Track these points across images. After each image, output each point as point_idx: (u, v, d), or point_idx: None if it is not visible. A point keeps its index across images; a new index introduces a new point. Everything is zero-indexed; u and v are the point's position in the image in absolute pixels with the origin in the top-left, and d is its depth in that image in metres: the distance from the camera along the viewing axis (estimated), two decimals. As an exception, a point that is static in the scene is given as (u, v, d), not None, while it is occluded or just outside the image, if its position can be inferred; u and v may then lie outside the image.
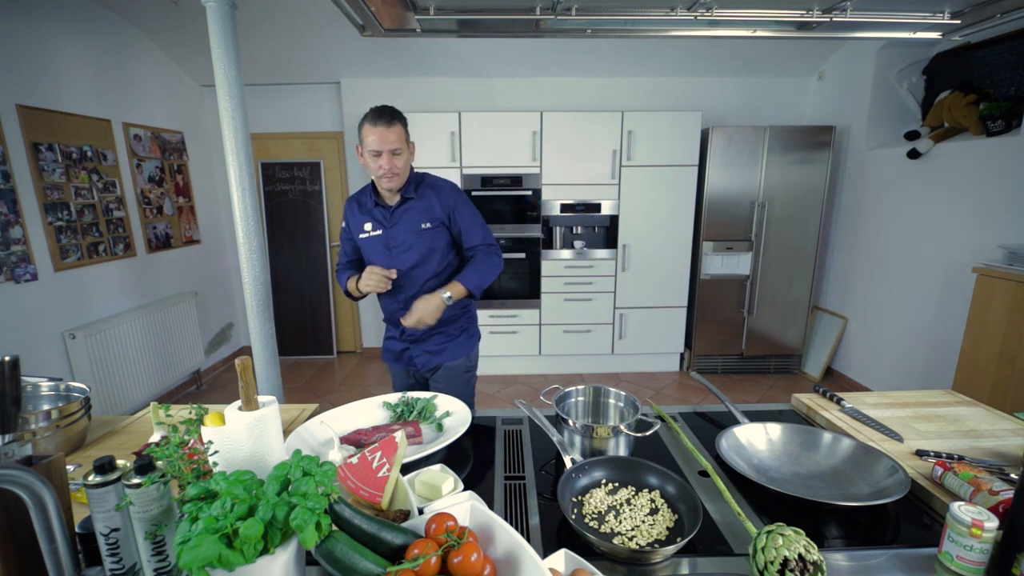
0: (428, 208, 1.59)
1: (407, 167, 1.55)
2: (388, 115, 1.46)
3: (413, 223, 1.59)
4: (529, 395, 3.61)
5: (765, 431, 1.10)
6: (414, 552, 0.62)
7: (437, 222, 1.60)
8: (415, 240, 1.58)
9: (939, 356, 2.89)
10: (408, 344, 1.68)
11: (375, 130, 1.45)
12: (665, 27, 1.43)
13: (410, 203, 1.59)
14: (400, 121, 1.49)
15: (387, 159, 1.47)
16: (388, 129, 1.45)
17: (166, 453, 0.70)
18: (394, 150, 1.47)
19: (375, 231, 1.62)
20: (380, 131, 1.45)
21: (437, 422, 1.18)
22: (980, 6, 1.25)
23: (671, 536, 0.81)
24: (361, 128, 1.48)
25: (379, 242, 1.61)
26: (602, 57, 3.62)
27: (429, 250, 1.60)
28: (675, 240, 3.72)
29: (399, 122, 1.48)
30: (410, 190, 1.59)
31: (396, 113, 1.49)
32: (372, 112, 1.47)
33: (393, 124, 1.46)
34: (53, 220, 2.66)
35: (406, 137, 1.51)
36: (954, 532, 0.73)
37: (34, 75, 2.59)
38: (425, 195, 1.60)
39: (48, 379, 1.20)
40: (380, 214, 1.61)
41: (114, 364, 2.92)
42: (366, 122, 1.46)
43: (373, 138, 1.45)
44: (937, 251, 2.92)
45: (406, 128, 1.52)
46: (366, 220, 1.63)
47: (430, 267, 1.61)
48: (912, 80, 3.30)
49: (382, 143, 1.45)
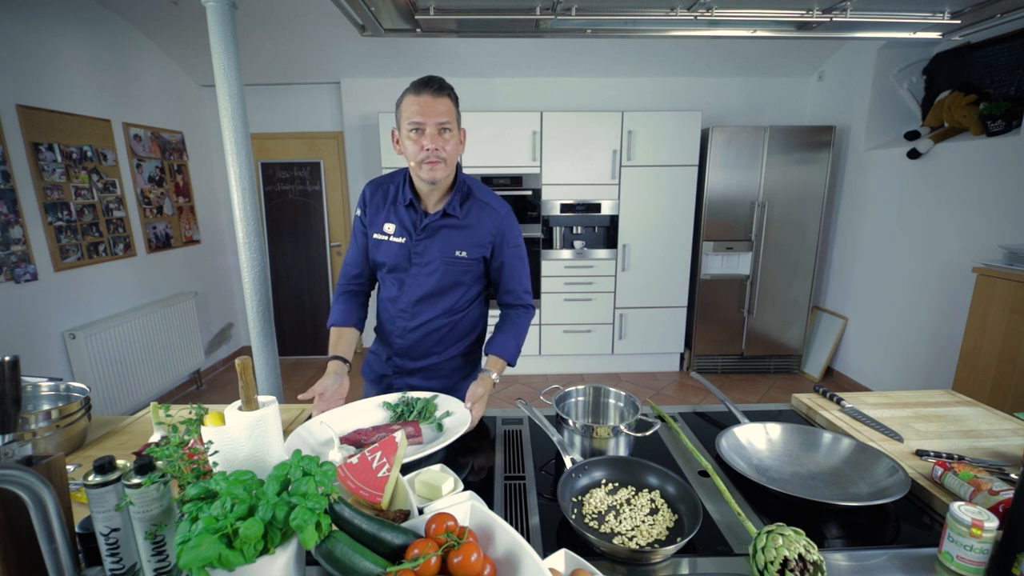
0: (471, 233, 1.28)
1: (455, 156, 1.22)
2: (437, 84, 1.16)
3: (446, 247, 1.28)
4: (529, 395, 3.61)
5: (765, 431, 1.10)
6: (414, 552, 0.62)
7: (476, 252, 1.29)
8: (442, 267, 1.28)
9: (939, 356, 2.89)
10: (391, 372, 1.40)
11: (418, 99, 1.15)
12: (665, 27, 1.43)
13: (450, 220, 1.28)
14: (450, 95, 1.19)
15: (432, 137, 1.15)
16: (435, 99, 1.15)
17: (166, 453, 0.70)
18: (443, 124, 1.16)
19: (398, 237, 1.29)
20: (425, 100, 1.14)
21: (437, 422, 1.18)
22: (980, 6, 1.25)
23: (671, 536, 0.81)
24: (400, 104, 1.19)
25: (399, 253, 1.30)
26: (602, 57, 3.62)
27: (454, 283, 1.31)
28: (675, 240, 3.72)
29: (449, 96, 1.18)
30: (454, 204, 1.27)
31: (447, 85, 1.19)
32: (416, 82, 1.17)
33: (441, 95, 1.16)
34: (53, 220, 2.66)
35: (457, 116, 1.21)
36: (954, 532, 0.73)
37: (34, 75, 2.59)
38: (472, 214, 1.28)
39: (48, 379, 1.20)
40: (410, 219, 1.29)
41: (114, 364, 2.92)
42: (408, 92, 1.17)
43: (415, 108, 1.15)
44: (937, 251, 2.92)
45: (457, 106, 1.21)
46: (389, 220, 1.31)
47: (445, 301, 1.33)
48: (912, 80, 3.30)
49: (427, 113, 1.14)
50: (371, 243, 1.34)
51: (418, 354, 1.36)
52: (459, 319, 1.36)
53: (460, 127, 1.24)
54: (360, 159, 4.05)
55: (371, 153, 3.96)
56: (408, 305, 1.33)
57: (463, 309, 1.36)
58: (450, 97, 1.18)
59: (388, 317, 1.38)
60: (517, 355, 1.33)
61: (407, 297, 1.32)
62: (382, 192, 1.33)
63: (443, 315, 1.33)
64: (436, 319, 1.33)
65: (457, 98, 1.21)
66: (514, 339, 1.33)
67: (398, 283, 1.33)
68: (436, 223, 1.27)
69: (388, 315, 1.38)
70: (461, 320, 1.37)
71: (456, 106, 1.20)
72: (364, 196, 1.35)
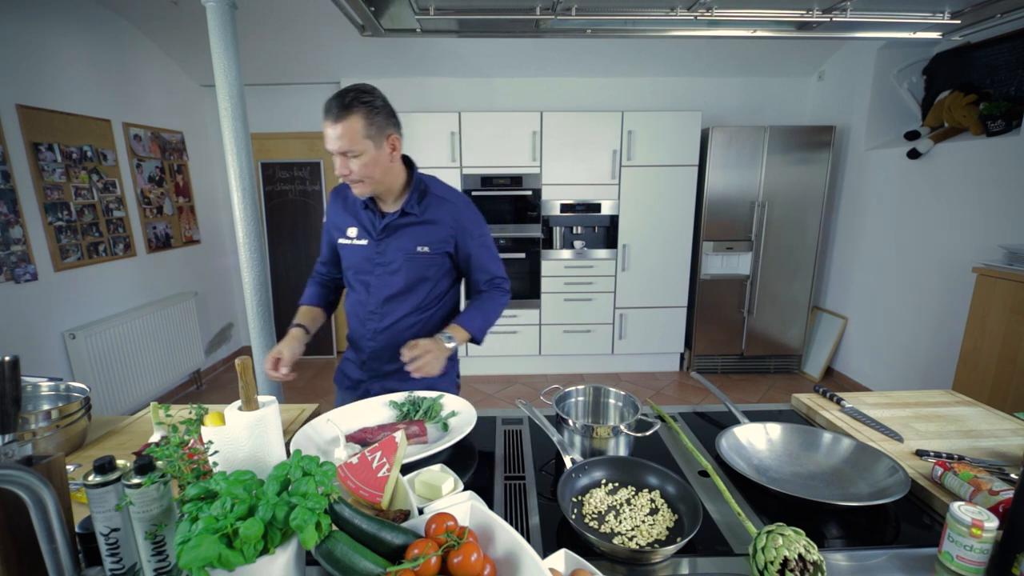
0: (432, 229, 1.29)
1: (374, 172, 1.19)
2: (337, 107, 1.12)
3: (407, 244, 1.29)
4: (529, 395, 3.61)
5: (765, 431, 1.10)
6: (414, 552, 0.62)
7: (438, 247, 1.31)
8: (405, 264, 1.30)
9: (939, 356, 2.89)
10: (367, 377, 1.39)
11: (325, 125, 1.14)
12: (665, 27, 1.43)
13: (409, 218, 1.29)
14: (358, 111, 1.12)
15: (341, 162, 1.16)
16: (336, 124, 1.12)
17: (166, 453, 0.70)
18: (344, 151, 1.14)
19: (360, 239, 1.32)
20: (328, 126, 1.13)
21: (443, 421, 1.18)
22: (980, 6, 1.25)
23: (671, 536, 0.81)
24: None
25: (362, 255, 1.33)
26: (602, 57, 3.62)
27: (419, 278, 1.32)
28: (675, 240, 3.72)
29: (356, 112, 1.12)
30: (412, 203, 1.28)
31: (355, 100, 1.12)
32: (326, 102, 1.15)
33: (344, 117, 1.11)
34: (53, 220, 2.66)
35: (371, 133, 1.15)
36: (954, 532, 0.73)
37: (34, 75, 2.59)
38: (430, 211, 1.30)
39: (48, 379, 1.20)
40: (369, 220, 1.31)
41: (114, 364, 2.92)
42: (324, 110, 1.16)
43: (326, 133, 1.15)
44: (937, 251, 2.92)
45: (377, 117, 1.15)
46: (351, 223, 1.34)
47: (414, 298, 1.33)
48: (912, 80, 3.30)
49: (329, 142, 1.15)
50: (339, 248, 1.39)
51: (391, 355, 1.33)
52: (429, 316, 1.37)
53: (381, 139, 1.18)
54: (360, 159, 4.05)
55: (371, 153, 3.96)
56: (377, 306, 1.34)
57: (432, 306, 1.37)
58: (359, 113, 1.12)
59: (358, 321, 1.39)
60: (483, 331, 1.34)
61: (375, 298, 1.34)
62: (342, 197, 1.37)
63: (413, 312, 1.34)
64: (406, 317, 1.34)
65: (375, 107, 1.15)
66: (480, 313, 1.34)
67: (364, 285, 1.35)
68: (395, 222, 1.29)
69: (358, 319, 1.39)
70: (432, 317, 1.37)
71: (369, 117, 1.14)
72: (329, 203, 1.41)
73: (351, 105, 1.12)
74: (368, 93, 1.15)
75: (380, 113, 1.16)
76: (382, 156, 1.19)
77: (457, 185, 3.58)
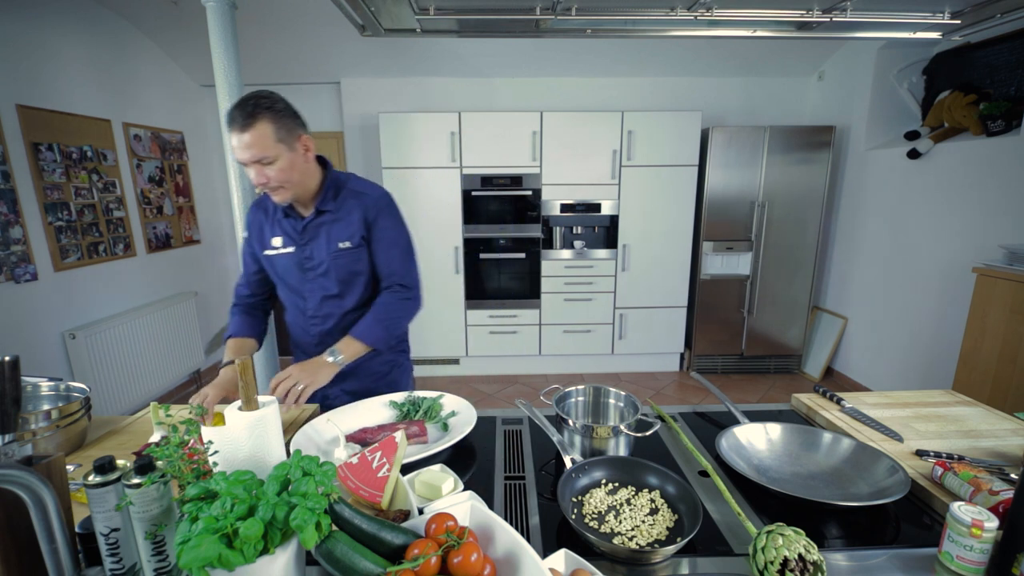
0: (346, 223, 1.28)
1: (292, 175, 1.17)
2: (241, 117, 1.08)
3: (330, 242, 1.28)
4: (529, 395, 3.61)
5: (765, 431, 1.10)
6: (414, 552, 0.62)
7: (358, 239, 1.28)
8: (332, 263, 1.29)
9: (939, 356, 2.89)
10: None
11: (231, 135, 1.10)
12: (665, 27, 1.43)
13: (326, 216, 1.28)
14: (264, 116, 1.09)
15: (256, 171, 1.13)
16: (243, 134, 1.08)
17: (166, 453, 0.70)
18: (257, 159, 1.11)
19: (286, 247, 1.30)
20: (235, 137, 1.09)
21: (443, 421, 1.18)
22: (980, 6, 1.25)
23: (671, 536, 0.81)
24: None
25: (291, 262, 1.31)
26: (602, 57, 3.62)
27: (350, 274, 1.30)
28: (675, 240, 3.72)
29: (263, 118, 1.09)
30: (327, 201, 1.27)
31: (258, 106, 1.09)
32: (228, 112, 1.11)
33: (251, 125, 1.08)
34: (53, 220, 2.65)
35: (281, 136, 1.12)
36: (954, 532, 0.73)
37: (34, 75, 2.59)
38: (346, 205, 1.28)
39: (48, 379, 1.20)
40: (290, 227, 1.30)
41: (114, 364, 2.92)
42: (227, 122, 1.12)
43: (233, 143, 1.11)
44: (937, 251, 2.92)
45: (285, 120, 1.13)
46: (275, 234, 1.31)
47: (351, 296, 1.32)
48: (912, 80, 3.30)
49: (240, 152, 1.11)
50: (265, 262, 1.36)
51: None
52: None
53: (296, 137, 1.16)
54: (360, 159, 4.05)
55: (371, 153, 3.96)
56: (315, 310, 1.34)
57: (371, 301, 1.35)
58: (264, 119, 1.10)
59: (300, 330, 1.38)
60: (383, 339, 1.28)
61: (312, 303, 1.33)
62: (262, 210, 1.35)
63: (353, 311, 1.34)
64: (348, 315, 1.34)
65: (279, 110, 1.12)
66: (377, 322, 1.27)
67: (299, 293, 1.34)
68: (314, 223, 1.29)
69: (300, 328, 1.38)
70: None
71: (277, 122, 1.11)
72: (248, 219, 1.37)
73: (256, 112, 1.09)
74: (268, 98, 1.12)
75: (286, 116, 1.14)
76: (297, 159, 1.18)
77: (457, 185, 3.58)
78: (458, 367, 3.99)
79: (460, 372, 4.00)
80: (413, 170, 3.55)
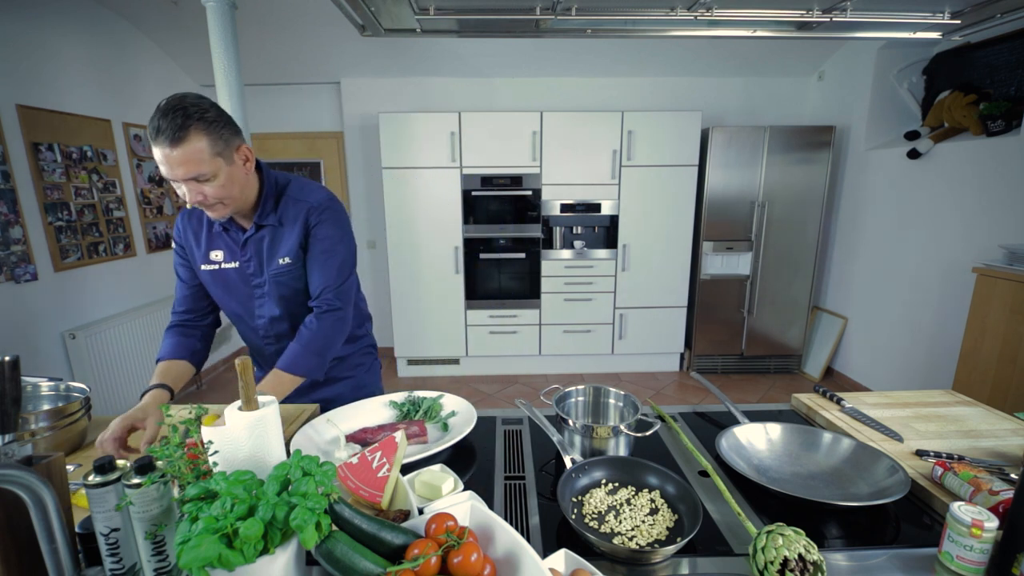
0: (286, 235, 1.15)
1: (231, 189, 1.04)
2: (174, 126, 0.92)
3: (270, 258, 1.16)
4: (529, 395, 3.61)
5: (765, 431, 1.10)
6: (414, 552, 0.62)
7: (297, 254, 1.15)
8: (273, 282, 1.17)
9: (939, 356, 2.89)
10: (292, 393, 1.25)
11: (158, 151, 0.95)
12: (665, 27, 1.43)
13: (264, 230, 1.15)
14: (198, 127, 0.95)
15: (191, 189, 0.98)
16: (173, 150, 0.94)
17: (166, 453, 0.70)
18: (196, 177, 0.97)
19: (229, 262, 1.17)
20: (164, 153, 0.94)
21: (443, 421, 1.18)
22: (980, 6, 1.25)
23: (671, 536, 0.81)
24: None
25: (236, 277, 1.19)
26: (602, 57, 3.62)
27: (295, 292, 1.19)
28: (675, 240, 3.72)
29: (196, 130, 0.95)
30: (265, 214, 1.14)
31: (189, 116, 0.94)
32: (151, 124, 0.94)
33: (182, 139, 0.93)
34: (53, 220, 2.66)
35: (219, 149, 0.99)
36: (954, 532, 0.73)
37: (34, 75, 2.59)
38: (287, 214, 1.15)
39: (48, 379, 1.20)
40: (233, 239, 1.17)
41: (114, 364, 2.92)
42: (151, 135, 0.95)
43: (159, 158, 0.95)
44: (937, 251, 2.92)
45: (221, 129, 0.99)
46: (214, 247, 1.18)
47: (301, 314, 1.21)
48: (912, 80, 3.30)
49: (170, 170, 0.96)
50: (203, 276, 1.21)
51: None
52: None
53: (234, 149, 1.03)
54: (360, 159, 4.05)
55: (371, 153, 3.96)
56: (266, 330, 1.25)
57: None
58: (197, 131, 0.95)
59: (256, 347, 1.31)
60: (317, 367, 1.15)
61: (261, 323, 1.24)
62: (196, 219, 1.19)
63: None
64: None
65: (211, 120, 0.97)
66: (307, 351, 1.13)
67: (247, 312, 1.24)
68: (254, 237, 1.16)
69: (255, 345, 1.31)
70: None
71: (212, 133, 0.97)
72: (177, 228, 1.22)
73: (187, 124, 0.94)
74: (197, 106, 0.96)
75: (220, 125, 0.99)
76: (236, 172, 1.04)
77: (457, 185, 3.57)
78: (458, 367, 3.99)
79: (460, 372, 4.00)
80: (413, 170, 3.55)
